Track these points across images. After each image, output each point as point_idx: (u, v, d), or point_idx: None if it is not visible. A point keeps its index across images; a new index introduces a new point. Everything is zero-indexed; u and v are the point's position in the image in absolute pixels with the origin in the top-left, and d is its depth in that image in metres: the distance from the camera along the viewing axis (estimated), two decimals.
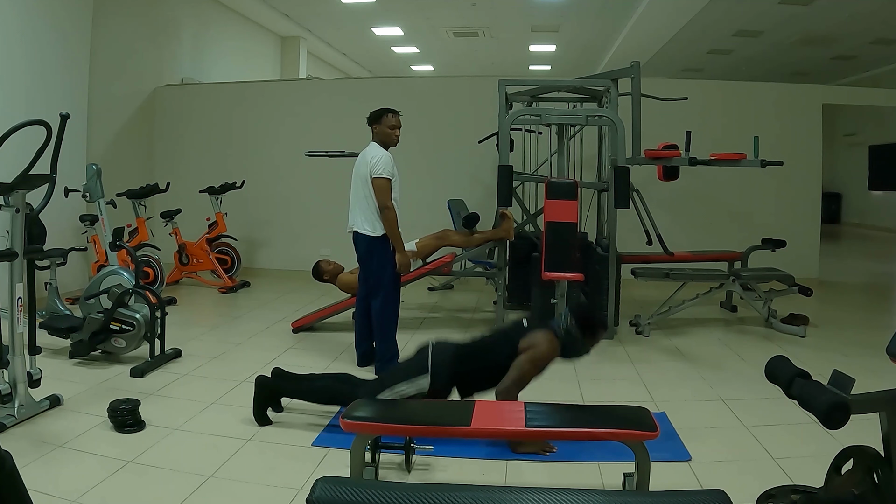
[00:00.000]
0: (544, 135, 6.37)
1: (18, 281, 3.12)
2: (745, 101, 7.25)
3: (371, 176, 3.88)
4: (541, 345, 2.87)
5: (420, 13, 10.22)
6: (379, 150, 3.96)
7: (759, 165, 4.86)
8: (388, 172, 3.88)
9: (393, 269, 3.97)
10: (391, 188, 3.90)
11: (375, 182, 3.87)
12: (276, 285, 6.87)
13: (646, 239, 5.26)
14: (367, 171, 3.92)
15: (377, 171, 3.87)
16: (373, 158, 3.90)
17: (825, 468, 2.10)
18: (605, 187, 5.26)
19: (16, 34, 5.48)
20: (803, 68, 12.57)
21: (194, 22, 8.74)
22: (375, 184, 3.87)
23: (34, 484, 2.10)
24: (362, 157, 4.03)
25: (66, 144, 3.23)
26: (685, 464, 2.77)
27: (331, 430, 3.05)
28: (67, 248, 4.74)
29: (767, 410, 3.33)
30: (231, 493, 2.51)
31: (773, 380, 2.05)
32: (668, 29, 9.78)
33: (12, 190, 3.02)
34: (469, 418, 2.36)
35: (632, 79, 5.19)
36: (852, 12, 8.89)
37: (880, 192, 13.89)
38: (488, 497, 1.28)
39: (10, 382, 3.07)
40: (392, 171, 3.91)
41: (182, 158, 7.81)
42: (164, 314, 4.16)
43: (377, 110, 4.08)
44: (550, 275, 4.29)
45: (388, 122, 4.02)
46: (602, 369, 4.21)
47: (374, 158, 3.90)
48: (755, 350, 4.57)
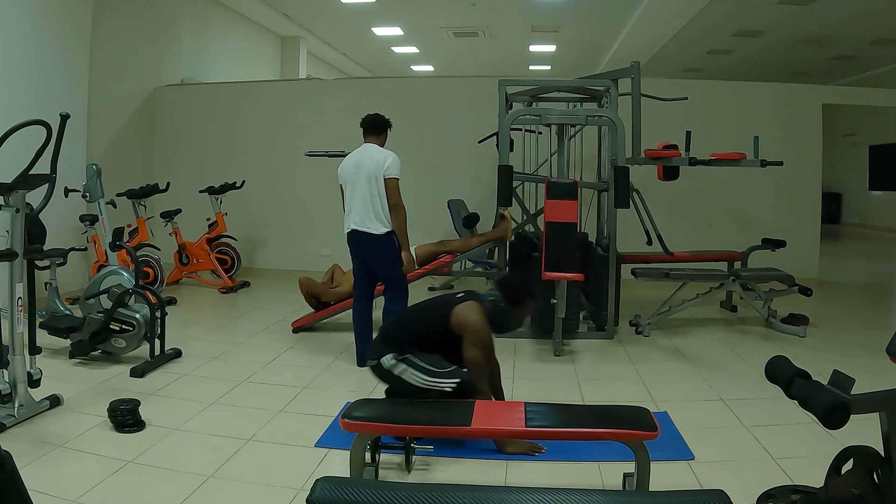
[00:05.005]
0: (544, 135, 6.37)
1: (18, 281, 3.12)
2: (745, 101, 7.25)
3: (385, 176, 3.98)
4: (473, 323, 2.88)
5: (420, 13, 10.22)
6: (387, 151, 4.08)
7: (759, 165, 4.86)
8: (399, 173, 4.03)
9: (400, 265, 4.08)
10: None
11: (389, 182, 3.99)
12: (276, 285, 6.87)
13: (646, 239, 5.26)
14: (377, 171, 3.99)
15: (392, 171, 3.99)
16: (386, 159, 4.01)
17: (825, 468, 2.10)
18: (605, 187, 5.26)
19: (16, 34, 5.48)
20: (803, 68, 12.57)
21: (194, 22, 8.74)
22: (389, 184, 3.99)
23: (34, 484, 2.10)
24: (369, 157, 4.05)
25: (66, 144, 3.23)
26: (685, 464, 2.77)
27: (333, 430, 3.04)
28: (67, 248, 4.74)
29: (767, 410, 3.33)
30: (231, 493, 2.51)
31: (773, 380, 2.05)
32: (668, 29, 9.77)
33: (12, 190, 3.02)
34: (469, 418, 2.37)
35: (632, 79, 5.18)
36: (852, 12, 8.88)
37: (880, 192, 13.89)
38: (488, 497, 1.28)
39: (10, 382, 3.08)
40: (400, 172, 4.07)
41: (182, 158, 7.81)
42: (164, 314, 4.16)
43: (387, 119, 4.23)
44: (550, 275, 4.29)
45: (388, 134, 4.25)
46: (602, 369, 4.21)
47: (387, 159, 4.02)
48: (755, 350, 4.57)
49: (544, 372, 4.13)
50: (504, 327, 3.01)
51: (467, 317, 2.89)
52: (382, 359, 2.94)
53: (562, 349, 4.47)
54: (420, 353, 2.92)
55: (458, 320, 2.90)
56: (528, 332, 4.89)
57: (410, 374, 2.89)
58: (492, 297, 2.96)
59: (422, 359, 2.90)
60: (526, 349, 4.60)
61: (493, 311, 2.94)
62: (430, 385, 2.87)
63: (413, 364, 2.89)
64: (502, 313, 2.96)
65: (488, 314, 2.93)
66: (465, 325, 2.88)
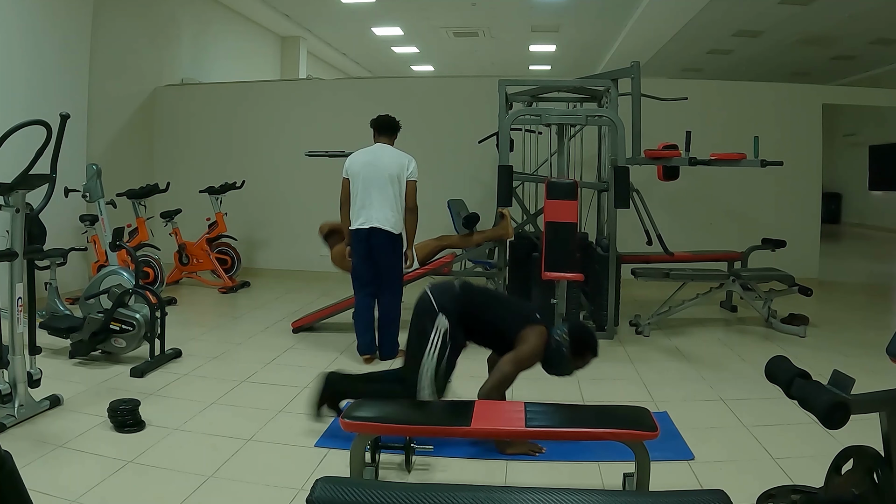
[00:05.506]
0: (544, 135, 6.37)
1: (18, 281, 3.12)
2: (745, 101, 7.24)
3: (408, 178, 4.18)
4: (530, 348, 2.84)
5: (420, 13, 10.22)
6: (407, 154, 4.23)
7: (759, 165, 4.86)
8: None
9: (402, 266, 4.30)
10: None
11: (411, 184, 4.19)
12: (276, 285, 6.87)
13: (646, 239, 5.26)
14: (400, 173, 4.16)
15: (415, 175, 4.21)
16: (410, 162, 4.20)
17: (825, 468, 2.10)
18: (605, 187, 5.26)
19: (16, 34, 5.48)
20: (803, 68, 12.57)
21: (194, 22, 8.74)
22: (411, 186, 4.19)
23: (34, 484, 2.09)
24: (389, 158, 4.18)
25: (66, 144, 3.23)
26: (685, 464, 2.77)
27: (333, 431, 3.04)
28: (67, 248, 4.74)
29: (767, 410, 3.33)
30: (231, 493, 2.51)
31: (773, 380, 2.05)
32: (668, 29, 9.77)
33: (12, 190, 3.02)
34: (469, 418, 2.36)
35: (632, 79, 5.18)
36: (852, 12, 8.88)
37: (880, 192, 13.89)
38: (488, 497, 1.28)
39: (10, 382, 3.08)
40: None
41: (182, 158, 7.81)
42: (164, 314, 4.16)
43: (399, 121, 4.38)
44: (550, 275, 4.29)
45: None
46: (602, 369, 4.20)
47: (411, 162, 4.21)
48: (755, 350, 4.57)
49: (544, 372, 4.11)
50: (556, 369, 2.94)
51: (531, 340, 2.85)
52: (440, 316, 2.80)
53: None
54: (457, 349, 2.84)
55: (523, 336, 2.86)
56: None
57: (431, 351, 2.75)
58: (560, 337, 2.89)
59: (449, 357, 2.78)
60: None
61: (555, 350, 2.88)
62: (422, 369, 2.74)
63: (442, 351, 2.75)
64: (561, 356, 2.88)
65: (548, 349, 2.88)
66: (524, 343, 2.84)
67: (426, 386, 2.74)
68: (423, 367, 2.75)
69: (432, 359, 2.76)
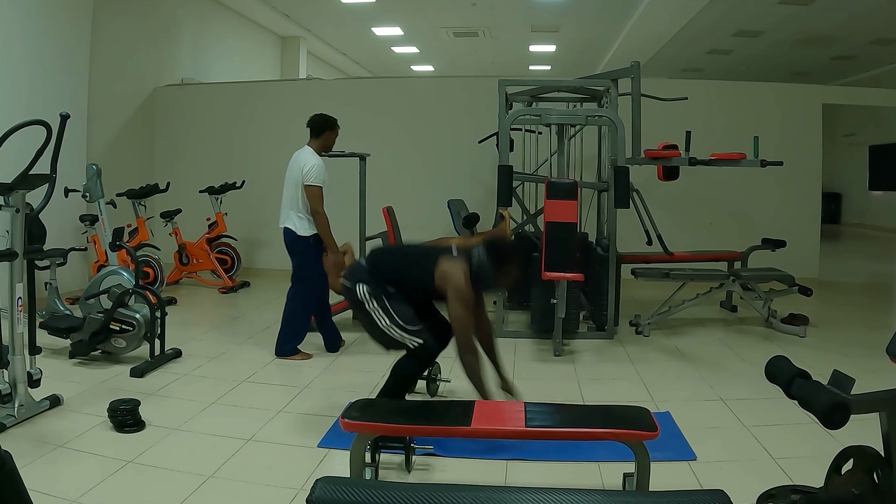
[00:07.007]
0: (544, 135, 6.37)
1: (18, 281, 3.12)
2: (745, 101, 7.24)
3: (304, 183, 4.12)
4: (453, 276, 2.85)
5: (420, 13, 10.22)
6: (313, 157, 4.19)
7: (759, 165, 4.86)
8: (320, 180, 4.13)
9: (313, 267, 4.22)
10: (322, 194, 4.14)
11: (308, 189, 4.12)
12: (276, 285, 6.84)
13: (646, 239, 5.26)
14: (299, 177, 4.16)
15: (310, 179, 4.11)
16: (305, 166, 4.13)
17: (825, 468, 2.10)
18: (605, 187, 5.26)
19: (16, 34, 5.48)
20: (803, 68, 12.58)
21: (194, 22, 8.74)
22: (308, 191, 4.12)
23: (34, 484, 2.09)
24: (295, 162, 4.25)
25: (66, 144, 3.22)
26: (685, 464, 2.77)
27: (334, 431, 3.04)
28: (67, 248, 4.74)
29: (767, 410, 3.33)
30: (231, 493, 2.51)
31: (773, 380, 2.05)
32: (668, 29, 9.78)
33: (12, 190, 3.02)
34: (469, 418, 2.36)
35: (632, 79, 5.18)
36: (852, 12, 8.89)
37: (880, 192, 13.89)
38: (488, 497, 1.28)
39: (10, 382, 3.07)
40: (323, 178, 4.15)
41: (182, 158, 7.81)
42: (164, 314, 4.16)
43: (331, 118, 4.34)
44: (550, 275, 4.29)
45: (335, 134, 4.35)
46: (602, 369, 4.21)
47: (306, 166, 4.13)
48: (755, 350, 4.57)
49: (544, 372, 4.13)
50: (485, 285, 2.97)
51: (450, 274, 2.87)
52: (359, 285, 2.95)
53: (562, 349, 4.47)
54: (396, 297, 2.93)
55: (441, 276, 2.88)
56: (528, 332, 4.89)
57: (380, 316, 2.90)
58: (479, 256, 2.92)
59: (394, 306, 2.91)
60: (526, 349, 4.60)
61: (478, 268, 2.90)
62: (392, 334, 2.90)
63: (384, 308, 2.90)
64: (485, 272, 2.91)
65: (472, 271, 2.89)
66: (447, 281, 2.86)
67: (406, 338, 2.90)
68: (389, 332, 2.90)
69: (386, 319, 2.90)
